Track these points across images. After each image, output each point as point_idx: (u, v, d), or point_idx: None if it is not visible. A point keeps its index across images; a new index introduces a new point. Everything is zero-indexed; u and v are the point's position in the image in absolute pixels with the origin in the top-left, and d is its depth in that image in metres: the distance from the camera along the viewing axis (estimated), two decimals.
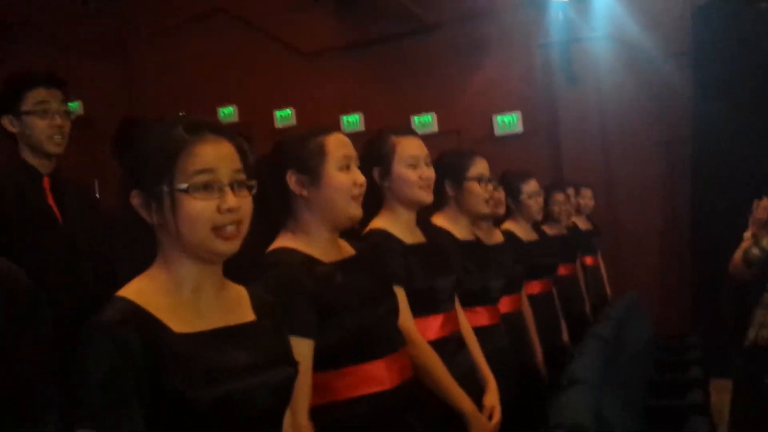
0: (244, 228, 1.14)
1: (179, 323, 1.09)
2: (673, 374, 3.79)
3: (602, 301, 4.38)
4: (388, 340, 1.59)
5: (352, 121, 6.68)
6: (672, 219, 5.48)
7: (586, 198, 4.52)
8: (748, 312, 3.11)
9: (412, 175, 2.00)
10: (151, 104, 7.47)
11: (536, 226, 3.43)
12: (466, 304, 2.25)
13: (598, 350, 3.08)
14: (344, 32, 6.64)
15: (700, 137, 5.26)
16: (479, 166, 2.42)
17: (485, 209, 2.43)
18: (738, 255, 2.85)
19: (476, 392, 2.04)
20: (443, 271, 2.08)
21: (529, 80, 5.95)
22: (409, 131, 2.12)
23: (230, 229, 1.12)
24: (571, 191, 4.18)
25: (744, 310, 4.42)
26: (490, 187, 2.44)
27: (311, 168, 1.56)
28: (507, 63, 6.05)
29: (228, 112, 7.12)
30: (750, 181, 4.77)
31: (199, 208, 1.10)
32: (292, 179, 1.57)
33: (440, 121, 6.36)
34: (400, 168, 2.01)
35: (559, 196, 3.86)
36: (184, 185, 1.09)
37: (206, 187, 1.10)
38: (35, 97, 2.05)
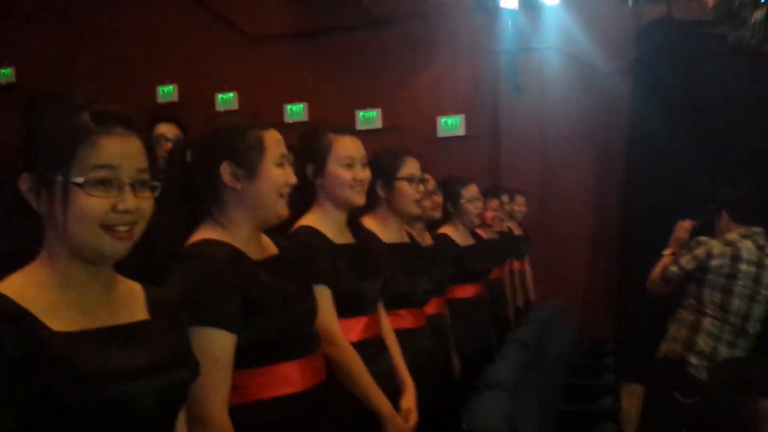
0: (139, 230, 1.08)
1: (60, 321, 1.02)
2: (587, 379, 3.91)
3: (526, 305, 4.49)
4: (304, 342, 1.58)
5: (296, 110, 6.62)
6: (602, 229, 5.66)
7: (520, 204, 4.62)
8: (662, 324, 3.27)
9: (346, 175, 1.99)
10: (88, 74, 7.22)
11: (472, 231, 3.48)
12: (390, 307, 2.26)
13: (518, 355, 3.15)
14: (295, 20, 6.57)
15: (634, 152, 5.44)
16: (410, 166, 2.42)
17: (416, 210, 2.44)
18: (657, 272, 2.96)
19: (394, 394, 2.05)
20: (371, 274, 2.08)
21: (475, 85, 6.03)
22: (347, 130, 2.10)
23: (122, 229, 1.05)
24: (505, 198, 4.26)
25: (657, 322, 4.64)
26: (421, 187, 2.46)
27: (248, 162, 1.53)
28: (454, 66, 6.10)
29: (167, 91, 6.95)
30: (678, 198, 4.98)
31: (92, 204, 1.03)
32: (226, 171, 1.53)
33: (385, 118, 6.38)
34: (334, 167, 2.00)
35: (494, 203, 3.94)
36: (80, 179, 1.02)
37: (104, 183, 1.04)
38: None
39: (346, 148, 2.02)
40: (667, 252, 3.05)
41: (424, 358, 2.38)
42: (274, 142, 1.59)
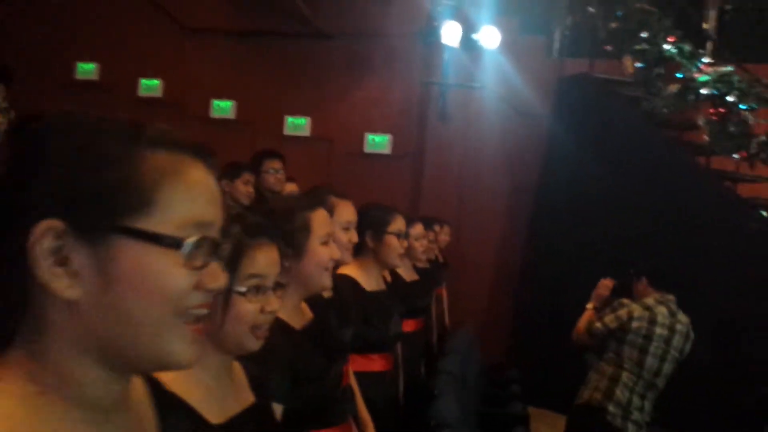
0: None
1: (211, 413, 1.07)
2: (497, 408, 4.25)
3: (443, 330, 4.78)
4: (339, 410, 1.74)
5: (223, 107, 6.57)
6: (506, 260, 6.08)
7: (446, 234, 4.90)
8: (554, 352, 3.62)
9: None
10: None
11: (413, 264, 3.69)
12: (362, 351, 2.44)
13: (453, 388, 3.42)
14: (233, 18, 6.51)
15: (543, 193, 5.90)
16: (398, 223, 2.62)
17: (398, 262, 2.65)
18: (582, 325, 3.32)
19: None
20: (345, 324, 2.25)
21: (405, 108, 6.27)
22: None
23: (264, 328, 1.20)
24: (438, 228, 4.52)
25: (550, 350, 5.07)
26: (405, 243, 2.67)
27: (296, 242, 1.66)
28: (386, 87, 6.31)
29: (88, 69, 6.66)
30: (577, 242, 5.47)
31: (248, 309, 1.16)
32: None
33: (314, 127, 6.48)
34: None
35: (430, 234, 4.17)
36: (242, 288, 1.15)
37: (256, 290, 1.18)
38: None
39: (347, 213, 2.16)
40: (589, 306, 3.43)
41: (388, 400, 2.59)
42: (320, 222, 1.73)
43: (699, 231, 4.81)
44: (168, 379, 0.96)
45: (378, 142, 6.32)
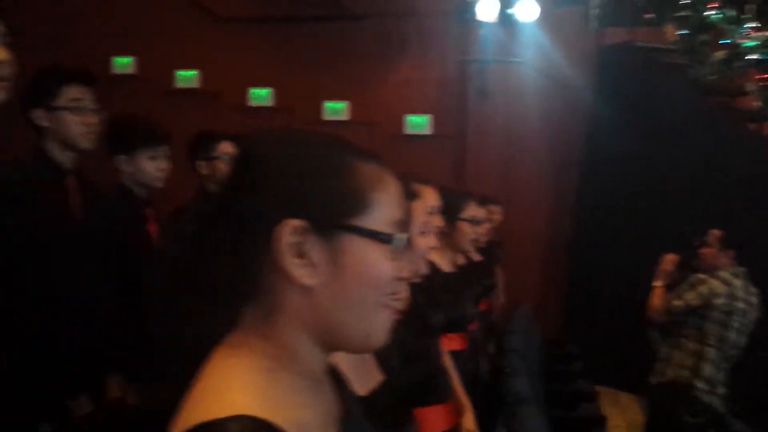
0: None
1: None
2: (562, 385, 4.26)
3: (497, 307, 4.80)
4: (446, 387, 1.77)
5: (262, 95, 6.57)
6: (556, 232, 6.06)
7: (498, 213, 4.89)
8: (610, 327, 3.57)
9: None
10: (37, 38, 6.79)
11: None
12: (444, 332, 2.46)
13: (522, 366, 3.44)
14: (266, 4, 6.49)
15: (588, 164, 5.86)
16: (472, 209, 2.64)
17: (470, 247, 2.67)
18: (657, 303, 3.30)
19: None
20: (436, 306, 2.27)
21: (443, 88, 6.23)
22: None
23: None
24: (492, 208, 4.51)
25: (606, 325, 5.06)
26: (478, 229, 2.67)
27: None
28: (424, 67, 6.27)
29: (125, 62, 6.68)
30: (624, 209, 5.44)
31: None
32: None
33: (353, 111, 6.46)
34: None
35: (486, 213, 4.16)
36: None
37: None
38: (70, 93, 1.95)
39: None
40: (657, 284, 3.40)
41: (466, 378, 2.61)
42: (418, 212, 1.74)
43: (752, 200, 4.75)
44: (262, 405, 0.93)
45: (418, 122, 6.30)
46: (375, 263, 0.80)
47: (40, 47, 6.72)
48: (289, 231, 0.77)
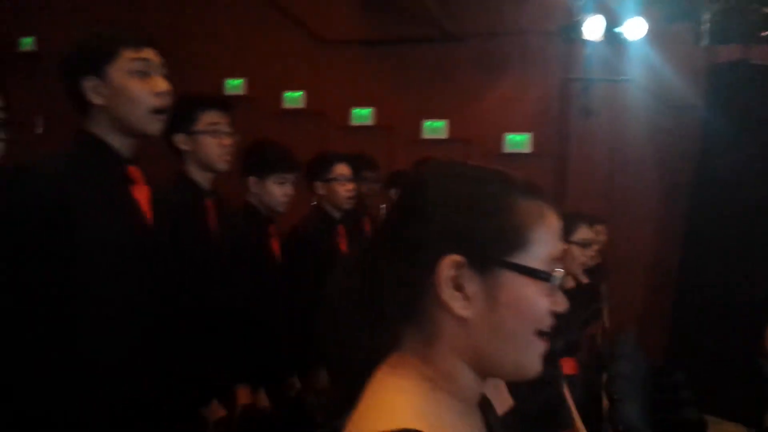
0: None
1: None
2: (669, 413, 4.11)
3: (603, 332, 4.68)
4: (569, 413, 1.77)
5: (363, 114, 6.74)
6: (663, 258, 5.86)
7: (603, 233, 4.79)
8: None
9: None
10: None
11: None
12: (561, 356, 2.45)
13: (630, 393, 3.36)
14: (367, 27, 6.67)
15: (700, 187, 5.64)
16: (583, 232, 2.62)
17: (579, 271, 2.65)
18: None
19: None
20: (557, 331, 2.27)
21: (545, 106, 6.18)
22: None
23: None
24: (598, 227, 4.42)
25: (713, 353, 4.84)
26: (588, 252, 2.65)
27: None
28: (524, 85, 6.25)
29: (236, 84, 7.03)
30: (740, 237, 5.20)
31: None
32: None
33: (452, 129, 6.52)
34: None
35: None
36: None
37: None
38: (208, 118, 2.10)
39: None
40: None
41: (576, 403, 2.58)
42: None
43: None
44: (413, 415, 0.99)
45: (518, 141, 6.27)
46: (532, 299, 0.83)
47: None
48: (450, 265, 0.81)
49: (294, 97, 6.90)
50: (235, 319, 2.15)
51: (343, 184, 2.82)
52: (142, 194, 1.66)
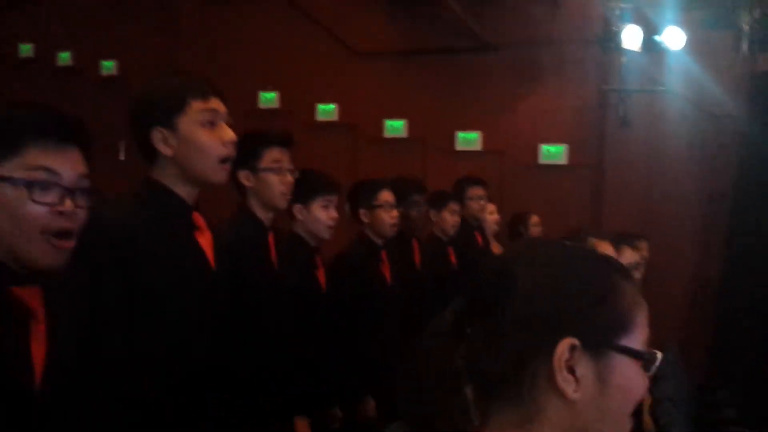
0: None
1: None
2: None
3: None
4: None
5: (396, 126, 6.74)
6: (702, 271, 5.75)
7: (645, 250, 4.71)
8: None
9: None
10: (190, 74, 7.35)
11: None
12: None
13: (676, 415, 3.30)
14: (400, 38, 6.67)
15: (740, 197, 5.53)
16: (628, 255, 2.58)
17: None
18: None
19: None
20: None
21: (581, 117, 6.11)
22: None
23: None
24: (640, 244, 4.35)
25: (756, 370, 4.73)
26: (635, 275, 2.61)
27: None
28: (560, 95, 6.19)
29: (270, 97, 7.09)
30: None
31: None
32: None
33: (485, 141, 6.48)
34: None
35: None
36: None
37: None
38: (272, 155, 2.12)
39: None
40: None
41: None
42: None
43: None
44: None
45: (553, 152, 6.21)
46: (637, 381, 0.86)
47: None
48: (566, 348, 0.82)
49: (327, 110, 6.92)
50: (284, 351, 2.17)
51: (387, 211, 2.82)
52: (205, 240, 1.68)
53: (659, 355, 0.88)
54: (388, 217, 2.81)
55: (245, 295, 1.85)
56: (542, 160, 6.25)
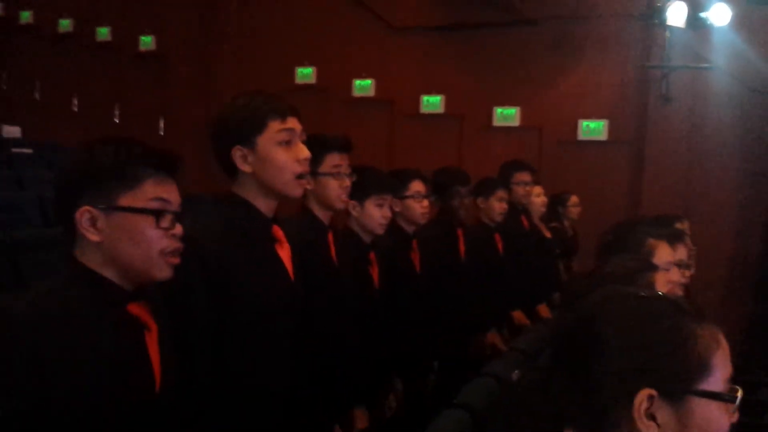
0: None
1: None
2: (750, 417, 4.03)
3: None
4: None
5: (433, 102, 6.73)
6: (742, 251, 5.72)
7: (686, 230, 4.69)
8: None
9: None
10: (228, 49, 7.41)
11: None
12: None
13: None
14: (438, 12, 6.61)
15: None
16: (681, 252, 2.59)
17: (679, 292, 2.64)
18: None
19: None
20: None
21: (622, 93, 6.04)
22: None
23: None
24: (682, 225, 4.32)
25: None
26: (687, 273, 2.63)
27: None
28: (600, 71, 6.11)
29: (306, 73, 7.12)
30: None
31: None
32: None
33: (523, 116, 6.45)
34: None
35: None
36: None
37: None
38: (332, 160, 2.18)
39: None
40: None
41: None
42: (662, 282, 1.77)
43: None
44: None
45: (593, 128, 6.16)
46: (719, 421, 0.91)
47: (233, 61, 7.33)
48: (645, 399, 0.88)
49: (364, 85, 6.93)
50: (346, 349, 2.26)
51: (419, 201, 2.87)
52: (284, 252, 1.77)
53: (739, 392, 0.91)
54: (419, 206, 2.86)
55: (313, 298, 1.93)
56: (582, 136, 6.22)
